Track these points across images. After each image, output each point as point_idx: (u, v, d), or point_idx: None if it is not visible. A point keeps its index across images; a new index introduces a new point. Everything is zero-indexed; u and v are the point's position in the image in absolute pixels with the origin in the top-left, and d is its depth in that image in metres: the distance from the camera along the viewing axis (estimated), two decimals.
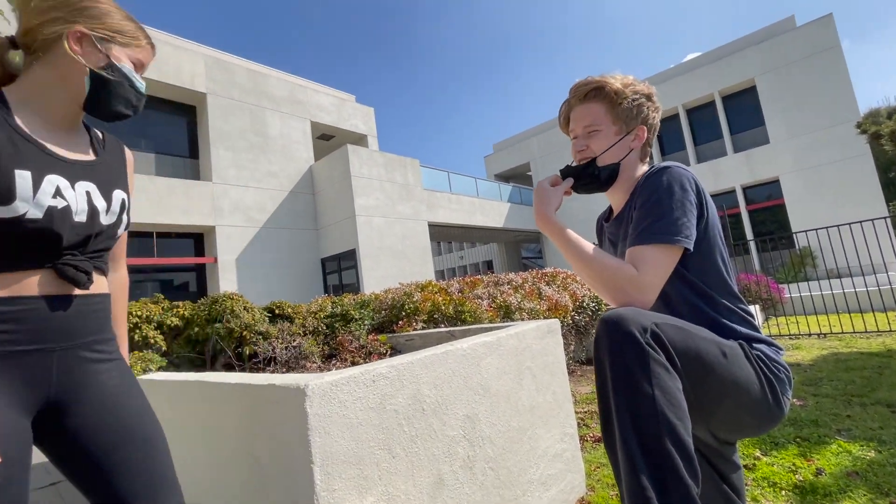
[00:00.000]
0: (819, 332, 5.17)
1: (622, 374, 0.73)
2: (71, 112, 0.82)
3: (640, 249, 0.91)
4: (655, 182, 0.95)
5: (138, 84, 0.85)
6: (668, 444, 0.68)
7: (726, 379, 0.83)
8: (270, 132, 11.29)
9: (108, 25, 0.80)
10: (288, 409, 1.04)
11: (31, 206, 0.70)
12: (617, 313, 0.78)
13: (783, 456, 2.00)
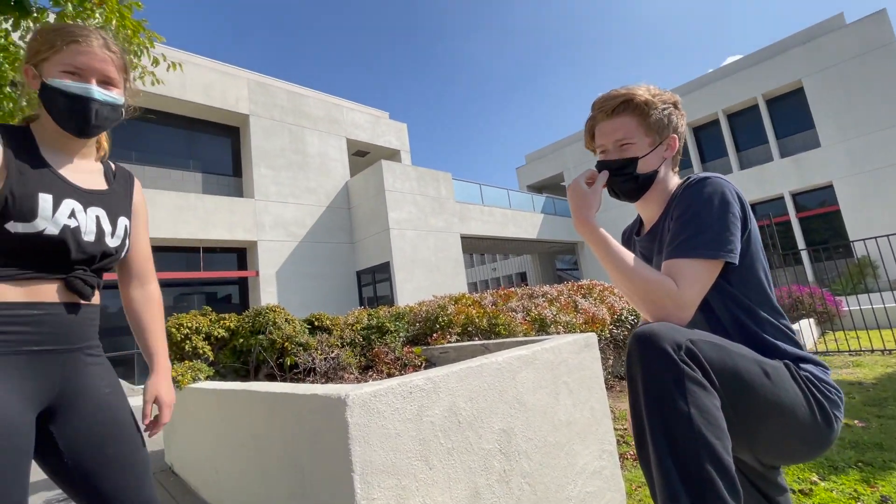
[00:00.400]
0: (883, 348, 4.79)
1: (656, 393, 0.71)
2: (64, 138, 0.90)
3: (678, 263, 0.88)
4: (695, 193, 0.92)
5: (75, 89, 0.85)
6: (708, 465, 0.65)
7: (769, 400, 0.79)
8: (309, 150, 11.75)
9: (31, 49, 0.87)
10: (329, 418, 1.09)
11: (50, 223, 0.81)
12: (650, 329, 0.75)
13: (843, 481, 1.87)
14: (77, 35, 0.87)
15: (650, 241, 1.08)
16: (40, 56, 0.86)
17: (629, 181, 1.05)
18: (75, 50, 0.86)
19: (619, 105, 1.03)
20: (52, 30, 0.87)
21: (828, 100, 12.56)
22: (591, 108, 1.10)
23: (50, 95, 0.85)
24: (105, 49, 0.89)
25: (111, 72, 0.90)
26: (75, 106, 0.86)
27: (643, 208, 1.11)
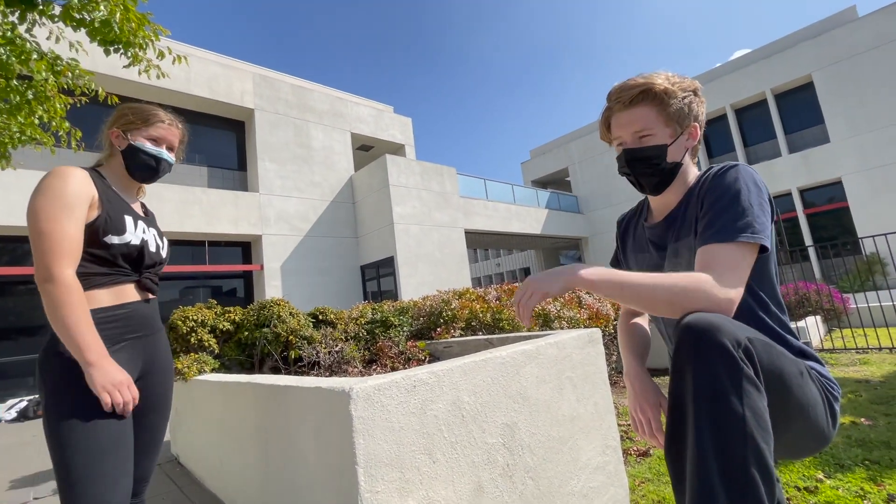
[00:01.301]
0: (891, 345, 4.75)
1: (710, 390, 0.66)
2: (128, 181, 1.23)
3: (717, 249, 0.82)
4: (729, 179, 0.89)
5: (153, 152, 1.22)
6: (754, 470, 0.63)
7: (801, 401, 0.78)
8: (313, 144, 11.74)
9: (126, 121, 1.21)
10: (334, 411, 1.09)
11: (133, 237, 1.14)
12: (707, 320, 0.70)
13: (849, 479, 1.85)
14: (162, 118, 1.25)
15: (664, 229, 1.05)
16: (132, 126, 1.20)
17: (657, 172, 1.01)
18: (160, 127, 1.23)
19: (638, 95, 0.98)
20: (143, 111, 1.23)
21: (838, 94, 12.39)
22: (608, 98, 1.05)
23: (134, 153, 1.20)
24: (175, 127, 1.28)
25: (175, 143, 1.29)
26: (150, 163, 1.22)
27: (660, 197, 1.07)
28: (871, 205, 11.72)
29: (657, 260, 1.09)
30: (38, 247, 0.97)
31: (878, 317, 6.35)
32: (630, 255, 1.19)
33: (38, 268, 0.98)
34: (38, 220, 0.98)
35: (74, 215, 1.02)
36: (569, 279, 0.86)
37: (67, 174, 1.04)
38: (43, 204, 0.99)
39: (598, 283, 0.84)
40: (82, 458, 0.95)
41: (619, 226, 1.27)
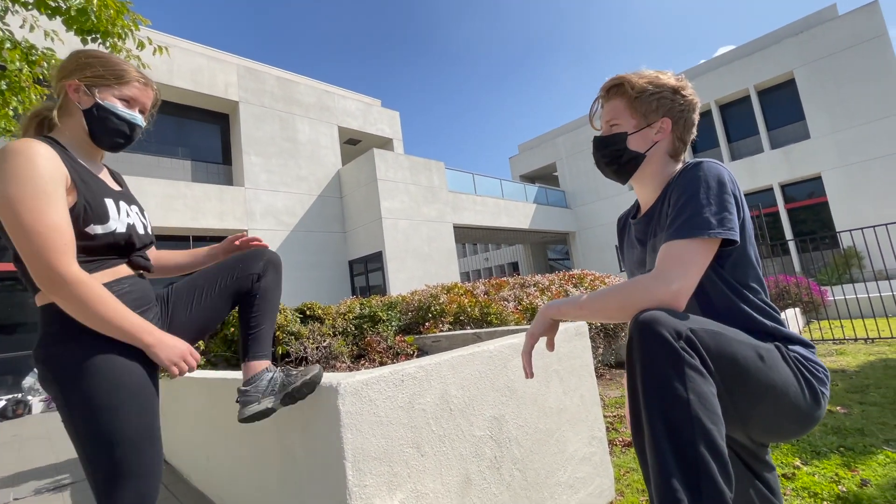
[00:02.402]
0: (866, 336, 4.90)
1: (655, 379, 0.72)
2: (91, 148, 1.05)
3: (675, 245, 0.87)
4: (691, 176, 0.93)
5: (127, 116, 1.04)
6: (703, 450, 0.67)
7: (763, 382, 0.81)
8: (300, 138, 11.60)
9: (93, 73, 1.01)
10: (321, 406, 1.08)
11: (118, 223, 1.01)
12: (651, 315, 0.76)
13: (825, 465, 1.92)
14: (136, 77, 1.06)
15: (645, 225, 1.09)
16: (102, 81, 1.01)
17: (615, 160, 1.09)
18: (135, 87, 1.06)
19: (613, 88, 1.08)
20: (115, 64, 1.04)
21: (818, 91, 12.64)
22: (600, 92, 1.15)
23: (102, 115, 1.01)
24: (152, 89, 1.11)
25: (148, 106, 1.11)
26: (122, 129, 1.04)
27: (640, 192, 1.13)
28: (849, 200, 12.02)
29: (641, 255, 1.12)
30: (27, 247, 0.85)
31: (854, 309, 6.54)
32: (626, 252, 1.24)
33: (38, 271, 0.86)
34: (19, 215, 0.84)
35: (57, 202, 0.88)
36: (545, 316, 1.03)
37: (31, 152, 0.87)
38: (17, 194, 0.84)
39: (564, 310, 1.00)
40: (129, 450, 0.88)
41: (618, 222, 1.32)
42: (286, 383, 1.11)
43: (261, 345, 1.16)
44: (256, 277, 1.17)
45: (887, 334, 4.87)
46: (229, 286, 1.16)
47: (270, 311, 1.20)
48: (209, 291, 1.16)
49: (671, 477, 0.66)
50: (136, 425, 0.91)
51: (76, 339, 0.90)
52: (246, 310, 1.18)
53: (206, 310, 1.15)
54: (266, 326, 1.18)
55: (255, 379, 1.12)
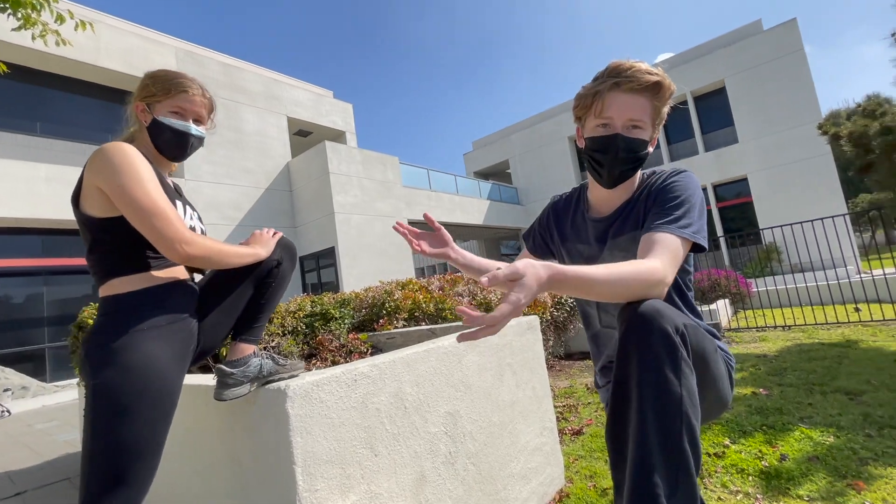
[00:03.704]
0: (784, 324, 5.40)
1: (654, 371, 0.71)
2: (161, 159, 1.14)
3: (666, 237, 0.88)
4: (685, 182, 0.97)
5: (179, 126, 1.11)
6: (686, 444, 0.69)
7: (713, 374, 0.87)
8: (246, 128, 11.04)
9: (147, 92, 1.11)
10: (269, 410, 1.04)
11: None
12: (654, 308, 0.74)
13: (750, 443, 2.09)
14: (185, 86, 1.13)
15: (609, 225, 1.06)
16: (154, 98, 1.10)
17: (633, 167, 0.99)
18: (183, 97, 1.12)
19: (652, 84, 0.94)
20: (166, 79, 1.12)
21: (745, 100, 13.70)
22: (613, 73, 0.96)
23: (159, 129, 1.10)
24: (202, 97, 1.16)
25: (203, 113, 1.17)
26: (177, 140, 1.11)
27: (612, 195, 1.06)
28: (770, 199, 13.16)
29: (595, 252, 1.11)
30: (149, 228, 0.94)
31: (774, 299, 7.19)
32: (568, 242, 1.17)
33: (166, 247, 0.95)
34: (137, 200, 0.94)
35: (160, 188, 0.99)
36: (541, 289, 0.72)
37: (128, 150, 0.99)
38: (129, 184, 0.94)
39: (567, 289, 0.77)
40: (134, 458, 0.88)
41: (554, 206, 1.23)
42: (273, 372, 1.12)
43: (257, 329, 1.18)
44: (276, 263, 1.18)
45: (801, 322, 5.39)
46: (253, 277, 1.15)
47: (277, 298, 1.22)
48: (233, 286, 1.14)
49: (653, 468, 0.67)
50: (148, 435, 0.90)
51: (123, 334, 0.93)
52: (257, 295, 1.17)
53: (231, 306, 1.14)
54: (267, 312, 1.20)
55: (243, 362, 1.11)
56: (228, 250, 1.05)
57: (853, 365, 3.24)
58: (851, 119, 3.94)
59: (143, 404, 0.89)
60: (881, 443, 1.95)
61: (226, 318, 1.12)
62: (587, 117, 1.01)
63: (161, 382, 0.93)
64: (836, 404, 2.47)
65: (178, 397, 0.97)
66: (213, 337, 1.11)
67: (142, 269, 1.00)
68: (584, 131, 1.04)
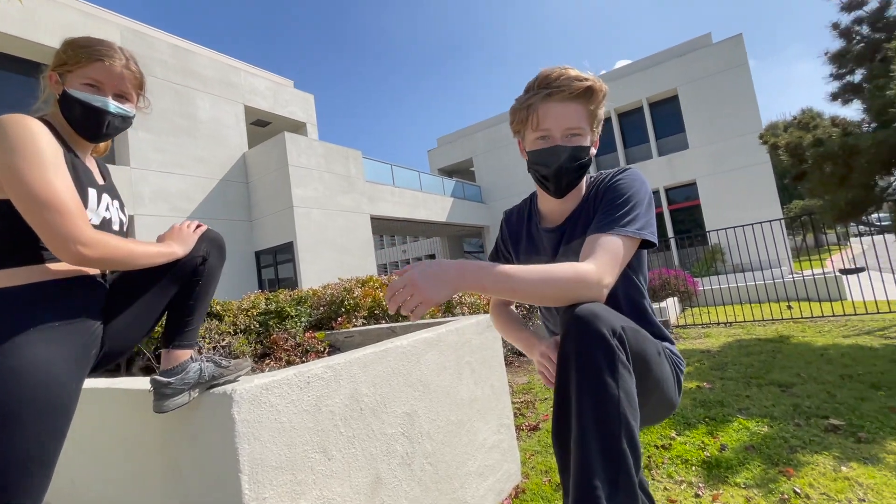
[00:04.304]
0: (726, 321, 5.75)
1: (590, 374, 0.72)
2: (78, 138, 0.99)
3: (604, 237, 0.88)
4: (628, 180, 0.97)
5: (91, 101, 0.94)
6: (625, 445, 0.69)
7: (658, 377, 0.88)
8: (199, 115, 10.48)
9: (60, 60, 0.96)
10: (213, 415, 0.98)
11: (94, 215, 0.94)
12: (591, 311, 0.75)
13: (694, 435, 2.20)
14: (102, 54, 0.95)
15: (562, 234, 1.05)
16: (66, 67, 0.95)
17: (578, 175, 0.98)
18: (99, 67, 0.95)
19: (584, 90, 0.93)
20: (81, 45, 0.95)
21: (696, 108, 14.46)
22: (542, 83, 0.95)
23: (69, 104, 0.94)
24: (125, 68, 0.99)
25: (127, 87, 1.00)
26: (91, 115, 0.95)
27: (561, 203, 1.05)
28: (716, 203, 13.97)
29: (548, 262, 1.07)
30: (39, 222, 0.80)
31: (718, 297, 7.64)
32: (522, 256, 1.16)
33: (58, 246, 0.81)
34: (28, 185, 0.80)
35: (62, 170, 0.86)
36: (456, 284, 0.81)
37: (29, 123, 0.84)
38: (21, 165, 0.80)
39: (489, 287, 0.82)
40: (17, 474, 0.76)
41: (508, 221, 1.22)
42: (216, 375, 1.04)
43: (191, 333, 1.07)
44: (201, 260, 1.06)
45: (741, 319, 5.76)
46: (172, 276, 1.03)
47: (207, 297, 1.10)
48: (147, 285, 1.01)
49: (593, 470, 0.68)
50: (35, 450, 0.78)
51: (6, 335, 0.80)
52: (184, 295, 1.06)
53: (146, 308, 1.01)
54: (199, 313, 1.09)
55: (180, 369, 1.01)
56: (137, 251, 0.92)
57: (785, 359, 3.50)
58: (788, 130, 4.23)
59: (29, 416, 0.77)
60: (809, 431, 2.10)
61: (138, 320, 1.00)
62: (525, 131, 1.00)
63: (50, 391, 0.81)
64: (770, 396, 2.66)
65: (73, 408, 0.86)
66: (123, 341, 0.99)
67: (34, 260, 0.86)
68: (525, 145, 1.02)
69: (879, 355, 3.31)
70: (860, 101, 4.04)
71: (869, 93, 3.85)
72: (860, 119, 4.06)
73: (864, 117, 4.01)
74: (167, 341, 1.05)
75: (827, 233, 16.84)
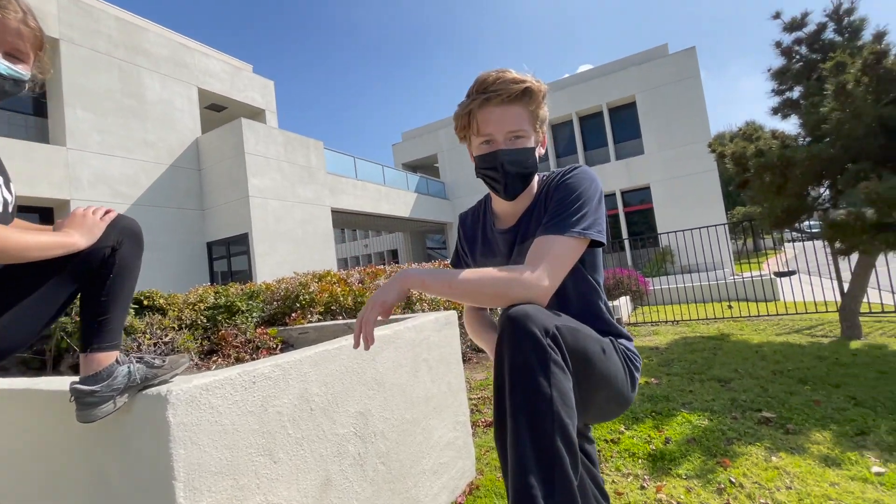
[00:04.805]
0: (674, 319, 6.05)
1: (522, 374, 0.72)
2: None
3: (551, 240, 0.89)
4: (574, 180, 0.96)
5: None
6: (559, 444, 0.69)
7: (603, 374, 0.89)
8: (147, 95, 9.83)
9: None
10: (146, 419, 0.91)
11: None
12: (523, 311, 0.76)
13: (641, 429, 2.29)
14: None
15: (515, 234, 1.06)
16: None
17: (528, 178, 0.98)
18: None
19: (523, 92, 0.93)
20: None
21: (652, 115, 15.11)
22: (480, 88, 0.95)
23: None
24: (22, 24, 0.86)
25: (23, 46, 0.87)
26: None
27: (513, 205, 1.05)
28: (667, 207, 14.68)
29: (503, 263, 1.09)
30: None
31: (667, 297, 8.03)
32: (479, 258, 1.16)
33: None
34: None
35: None
36: (402, 285, 0.88)
37: None
38: None
39: (429, 283, 0.87)
40: None
41: (463, 224, 1.22)
42: (149, 377, 0.94)
43: (111, 333, 0.95)
44: (111, 251, 0.94)
45: (687, 317, 6.09)
46: (72, 270, 0.90)
47: (126, 292, 0.98)
48: (38, 281, 0.88)
49: (528, 470, 0.68)
50: None
51: None
52: (94, 291, 0.94)
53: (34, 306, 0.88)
54: (117, 311, 0.96)
55: (105, 374, 0.90)
56: (28, 243, 0.79)
57: (725, 356, 3.72)
58: (734, 141, 4.49)
59: None
60: (744, 424, 2.24)
61: (26, 319, 0.88)
62: (470, 136, 1.01)
63: None
64: (710, 391, 2.81)
65: None
66: (7, 341, 0.88)
67: None
68: (472, 150, 1.02)
69: (806, 352, 3.58)
70: (797, 117, 4.35)
71: (805, 109, 4.15)
72: (797, 133, 4.37)
73: (801, 132, 4.32)
74: (85, 345, 0.93)
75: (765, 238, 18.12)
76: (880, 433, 2.01)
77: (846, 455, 1.84)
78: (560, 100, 16.33)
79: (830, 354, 3.44)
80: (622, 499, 1.68)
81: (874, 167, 3.47)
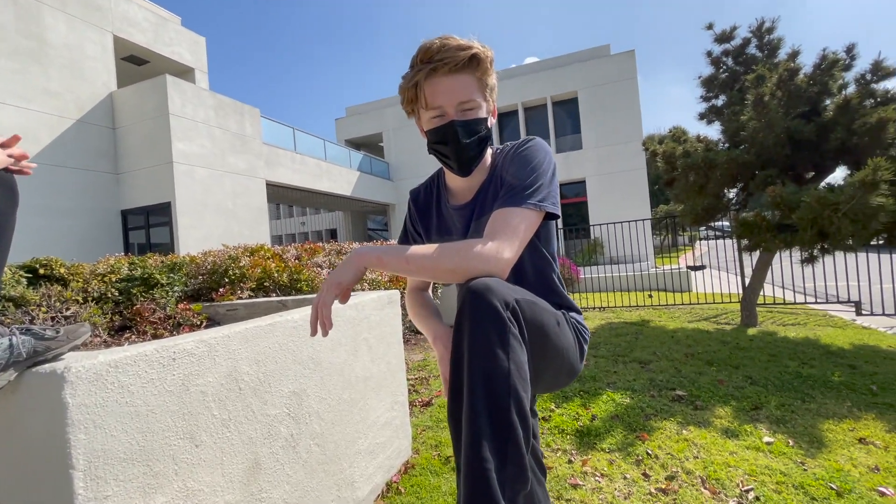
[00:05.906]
0: (601, 306, 6.45)
1: (482, 347, 0.71)
2: None
3: (509, 212, 0.87)
4: (532, 151, 0.95)
5: None
6: (514, 417, 0.69)
7: (557, 346, 0.90)
8: (50, 37, 8.55)
9: None
10: (38, 400, 0.78)
11: None
12: (484, 284, 0.75)
13: (570, 407, 2.42)
14: None
15: (472, 210, 1.03)
16: None
17: (481, 150, 0.95)
18: None
19: (470, 59, 0.88)
20: None
21: (591, 112, 15.79)
22: (424, 58, 0.89)
23: None
24: None
25: None
26: None
27: (468, 180, 1.02)
28: (600, 201, 15.54)
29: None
30: None
31: (595, 285, 8.54)
32: (434, 235, 1.12)
33: None
34: None
35: None
36: (358, 264, 0.86)
37: None
38: None
39: (385, 261, 0.85)
40: None
41: (415, 201, 1.17)
42: (40, 350, 0.81)
43: None
44: None
45: (613, 304, 6.52)
46: None
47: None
48: None
49: (483, 442, 0.68)
50: None
51: None
52: None
53: None
54: None
55: None
56: None
57: (645, 340, 4.03)
58: (664, 142, 4.80)
59: None
60: (660, 401, 2.44)
61: None
62: (419, 110, 0.96)
63: None
64: (632, 372, 3.03)
65: None
66: None
67: None
68: (422, 124, 0.97)
69: (713, 338, 3.98)
70: (720, 123, 4.73)
71: (727, 117, 4.53)
72: (718, 139, 4.76)
73: (721, 137, 4.71)
74: None
75: (682, 235, 19.82)
76: (770, 408, 2.28)
77: (743, 427, 2.07)
78: (507, 89, 16.52)
79: (732, 339, 3.84)
80: (551, 473, 1.76)
81: (780, 174, 3.87)
